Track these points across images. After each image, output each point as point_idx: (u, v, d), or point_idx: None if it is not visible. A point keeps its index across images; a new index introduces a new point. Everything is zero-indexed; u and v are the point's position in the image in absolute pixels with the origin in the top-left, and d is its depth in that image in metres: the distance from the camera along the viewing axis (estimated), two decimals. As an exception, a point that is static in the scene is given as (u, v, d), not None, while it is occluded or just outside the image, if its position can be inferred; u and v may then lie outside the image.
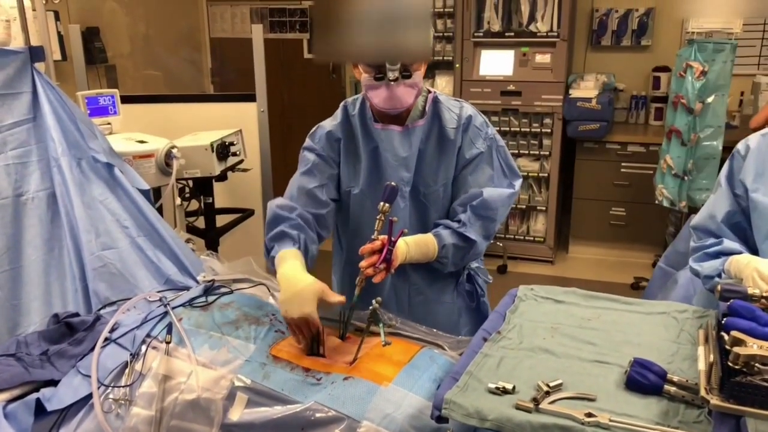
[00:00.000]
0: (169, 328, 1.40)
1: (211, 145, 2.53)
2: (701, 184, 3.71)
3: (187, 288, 1.68)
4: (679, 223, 4.23)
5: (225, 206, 2.91)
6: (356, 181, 1.69)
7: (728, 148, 3.63)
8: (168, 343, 1.36)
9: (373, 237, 1.47)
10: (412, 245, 1.55)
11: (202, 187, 2.68)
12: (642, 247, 4.52)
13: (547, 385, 1.10)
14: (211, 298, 1.54)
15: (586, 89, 4.29)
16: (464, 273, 1.77)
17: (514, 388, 1.10)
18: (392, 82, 1.51)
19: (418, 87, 1.57)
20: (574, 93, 4.26)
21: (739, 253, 1.48)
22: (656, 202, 3.93)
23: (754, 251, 1.51)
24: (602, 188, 4.45)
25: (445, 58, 4.44)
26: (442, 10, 4.38)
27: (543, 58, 4.25)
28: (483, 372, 1.16)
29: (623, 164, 4.38)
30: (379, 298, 1.35)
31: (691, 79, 3.55)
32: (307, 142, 1.74)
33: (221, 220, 2.84)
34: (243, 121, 2.94)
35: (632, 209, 4.47)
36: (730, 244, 1.52)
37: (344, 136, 1.70)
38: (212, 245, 2.74)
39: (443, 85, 4.51)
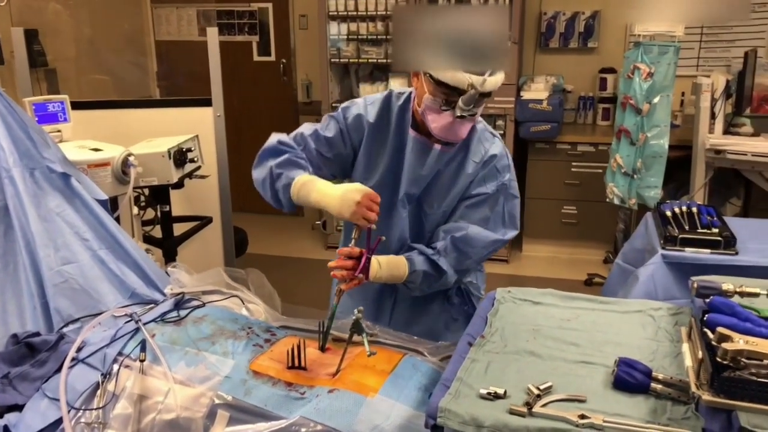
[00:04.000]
0: (143, 345, 1.34)
1: (168, 151, 2.45)
2: (649, 182, 3.83)
3: (155, 302, 1.62)
4: (629, 220, 4.37)
5: (182, 214, 2.82)
6: (372, 174, 1.63)
7: (673, 147, 3.80)
8: (142, 361, 1.31)
9: (350, 244, 1.45)
10: (383, 265, 1.53)
11: (159, 195, 2.59)
12: (593, 244, 4.64)
13: (538, 388, 1.11)
14: (183, 313, 1.49)
15: (537, 91, 4.37)
16: (454, 286, 1.75)
17: (505, 392, 1.10)
18: (458, 118, 1.47)
19: (476, 121, 1.54)
20: (526, 95, 4.34)
21: None
22: (607, 200, 4.04)
23: None
24: (554, 187, 4.55)
25: (398, 60, 4.45)
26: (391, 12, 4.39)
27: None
28: (472, 378, 1.16)
29: (574, 164, 4.48)
30: (360, 308, 1.33)
31: (639, 81, 3.67)
32: (339, 111, 1.68)
33: (178, 229, 2.75)
34: (198, 126, 2.87)
35: (583, 207, 4.58)
36: None
37: (375, 127, 1.64)
38: (170, 255, 2.66)
39: (398, 87, 4.50)
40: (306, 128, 1.68)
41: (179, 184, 2.61)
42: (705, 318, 1.11)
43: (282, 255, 4.69)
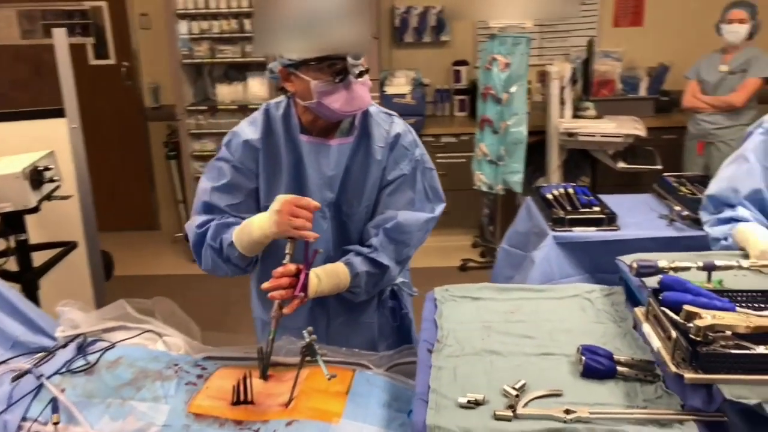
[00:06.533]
0: (53, 404, 1.13)
1: (23, 172, 2.12)
2: (513, 168, 4.02)
3: (45, 350, 1.38)
4: (494, 206, 4.57)
5: (41, 242, 2.47)
6: (274, 194, 1.50)
7: (531, 133, 4.02)
8: (56, 423, 1.10)
9: (284, 261, 1.33)
10: (323, 277, 1.42)
11: (12, 222, 2.24)
12: (461, 231, 4.80)
13: (514, 389, 1.08)
14: (92, 358, 1.27)
15: (399, 85, 4.42)
16: (387, 290, 1.68)
17: (484, 398, 1.06)
18: (357, 79, 1.40)
19: (369, 85, 1.46)
20: (389, 90, 4.37)
21: (748, 221, 1.59)
22: (474, 187, 4.19)
23: None
24: (422, 179, 4.62)
25: (256, 59, 4.27)
26: (248, 9, 4.20)
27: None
28: (445, 387, 1.10)
29: (438, 155, 4.59)
30: (310, 328, 1.22)
31: (497, 71, 3.83)
32: (222, 151, 1.54)
33: (38, 259, 2.41)
34: (50, 141, 2.52)
35: (450, 197, 4.67)
36: (742, 211, 1.63)
37: (264, 145, 1.53)
38: (30, 290, 2.32)
39: (257, 87, 4.33)
40: (203, 193, 1.53)
41: (35, 208, 2.28)
42: (660, 297, 1.14)
43: (150, 274, 4.33)
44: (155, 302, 1.50)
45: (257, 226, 1.39)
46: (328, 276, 1.42)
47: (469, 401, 1.05)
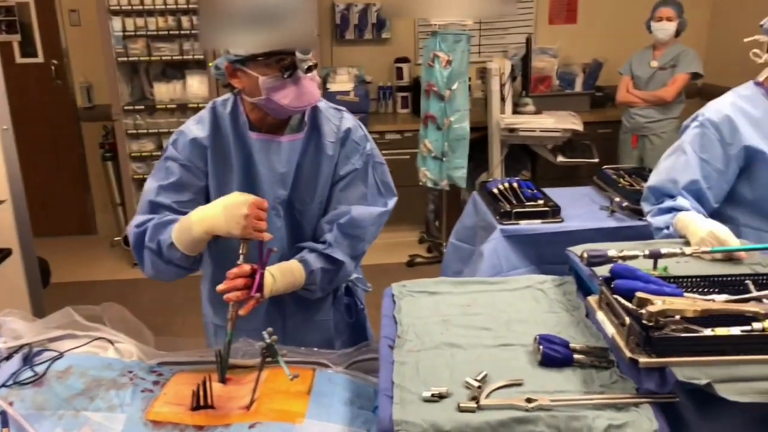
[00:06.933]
0: (2, 418, 1.07)
1: (-48, 177, 2.01)
2: (456, 163, 4.07)
3: (-14, 362, 1.31)
4: (438, 201, 4.62)
5: (-29, 250, 2.35)
6: (226, 193, 1.47)
7: (473, 129, 4.09)
8: (5, 439, 1.05)
9: (238, 262, 1.31)
10: (278, 275, 1.40)
11: (-60, 230, 2.12)
12: (407, 227, 4.84)
13: (476, 380, 1.10)
14: (40, 369, 1.22)
15: (342, 83, 4.41)
16: (342, 287, 1.67)
17: (447, 391, 1.07)
18: (306, 74, 1.38)
19: (318, 81, 1.45)
20: (332, 87, 4.35)
21: (687, 210, 1.67)
22: (420, 183, 4.22)
23: (711, 212, 1.72)
24: (367, 176, 4.63)
25: (195, 56, 4.18)
26: (185, 6, 4.10)
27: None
28: (408, 381, 1.11)
29: (383, 152, 4.58)
30: (270, 329, 1.20)
31: (439, 68, 3.87)
32: (169, 150, 1.49)
33: (-31, 268, 2.29)
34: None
35: (398, 193, 4.73)
36: (682, 201, 1.70)
37: (212, 144, 1.49)
38: (-38, 300, 2.20)
39: (196, 85, 4.24)
40: (148, 193, 1.49)
41: (-35, 215, 2.16)
42: (612, 285, 1.18)
43: (89, 280, 4.17)
44: (104, 308, 1.45)
45: (201, 225, 1.35)
46: (283, 274, 1.41)
47: (433, 395, 1.06)
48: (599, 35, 4.93)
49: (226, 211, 1.31)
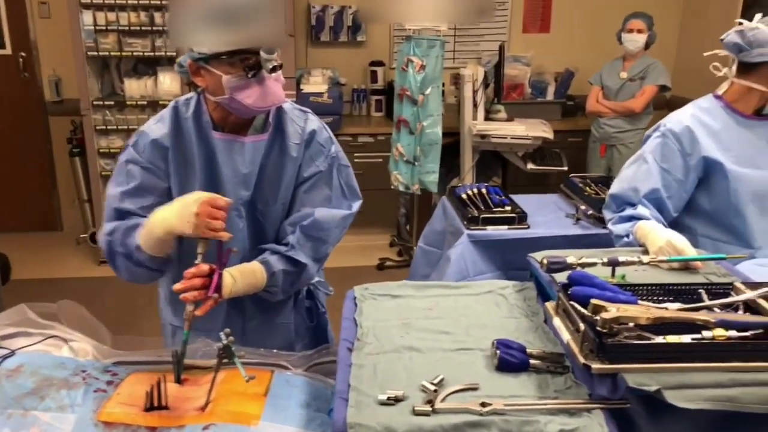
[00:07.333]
0: (-54, 418, 1.05)
1: None
2: (428, 168, 4.09)
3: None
4: (410, 205, 4.64)
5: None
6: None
7: (445, 134, 4.11)
8: (-51, 439, 1.02)
9: (196, 261, 1.30)
10: (237, 276, 1.39)
11: None
12: (378, 230, 4.84)
13: (433, 384, 1.10)
14: (-12, 367, 1.19)
15: (316, 84, 4.40)
16: (303, 290, 1.66)
17: (403, 394, 1.07)
18: (271, 74, 1.37)
19: (283, 81, 1.44)
20: (306, 88, 4.34)
21: (647, 219, 1.70)
22: (392, 187, 4.23)
23: (671, 221, 1.76)
24: (339, 179, 4.63)
25: (168, 53, 4.13)
26: (158, 2, 4.05)
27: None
28: (365, 384, 1.11)
29: (356, 155, 4.61)
30: (227, 330, 1.19)
31: (413, 73, 3.88)
32: (129, 152, 1.46)
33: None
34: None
35: (367, 196, 4.71)
36: (642, 210, 1.73)
37: (174, 144, 1.47)
38: None
39: (168, 82, 4.19)
40: (112, 199, 1.47)
41: None
42: (570, 291, 1.19)
43: (52, 277, 4.09)
44: (60, 306, 1.42)
45: (161, 225, 1.34)
46: (243, 276, 1.40)
47: (389, 398, 1.06)
48: (572, 45, 5.00)
49: (179, 210, 1.30)
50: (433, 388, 1.09)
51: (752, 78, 1.70)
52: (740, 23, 1.73)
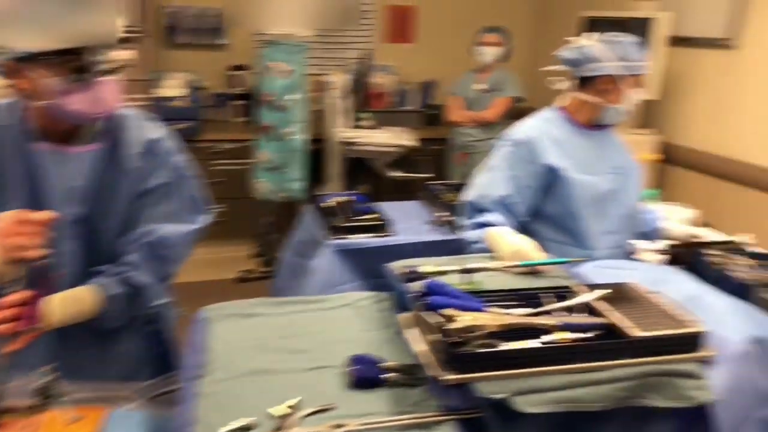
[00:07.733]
0: None
1: None
2: (294, 176, 4.01)
3: None
4: (274, 215, 4.52)
5: None
6: None
7: (312, 141, 4.05)
8: None
9: (8, 290, 1.14)
10: (63, 303, 1.24)
11: None
12: (238, 241, 4.65)
13: (289, 407, 1.05)
14: None
15: (172, 88, 4.18)
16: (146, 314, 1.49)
17: (255, 421, 1.01)
18: (102, 78, 1.23)
19: (118, 85, 1.29)
20: (161, 92, 4.10)
21: (498, 225, 1.75)
22: (254, 196, 4.10)
23: (523, 225, 1.82)
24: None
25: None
26: None
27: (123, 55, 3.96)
28: (212, 415, 1.03)
29: (216, 162, 4.42)
30: (47, 366, 1.05)
31: (276, 78, 3.79)
32: None
33: None
34: None
35: (228, 205, 4.55)
36: (491, 217, 1.76)
37: None
38: None
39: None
40: None
41: None
42: (428, 301, 1.18)
43: None
44: None
45: None
46: (72, 302, 1.24)
47: (239, 427, 0.99)
48: (433, 56, 5.13)
49: None
50: (281, 413, 1.03)
51: (587, 91, 1.81)
52: (572, 40, 1.85)
